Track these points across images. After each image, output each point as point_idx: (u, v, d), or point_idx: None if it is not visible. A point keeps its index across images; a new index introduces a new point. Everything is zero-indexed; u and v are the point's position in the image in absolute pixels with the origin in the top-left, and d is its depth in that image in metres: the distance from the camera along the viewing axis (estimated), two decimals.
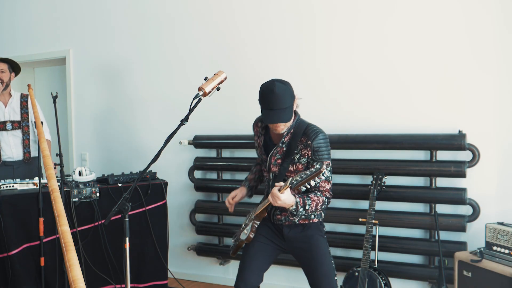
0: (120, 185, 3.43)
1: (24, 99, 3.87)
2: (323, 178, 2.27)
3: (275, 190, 2.20)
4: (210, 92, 2.36)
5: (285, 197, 2.18)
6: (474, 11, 3.15)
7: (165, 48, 4.19)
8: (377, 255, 3.17)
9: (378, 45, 3.41)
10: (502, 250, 2.74)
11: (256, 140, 2.54)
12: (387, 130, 3.35)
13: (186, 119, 2.34)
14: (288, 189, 2.19)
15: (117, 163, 4.41)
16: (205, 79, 2.38)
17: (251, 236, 2.44)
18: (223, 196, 3.94)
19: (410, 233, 3.35)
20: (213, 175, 4.04)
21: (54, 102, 3.24)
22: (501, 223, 2.85)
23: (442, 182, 3.22)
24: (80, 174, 3.37)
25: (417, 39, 3.30)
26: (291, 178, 2.19)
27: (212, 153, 4.00)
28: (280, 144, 2.37)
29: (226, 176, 3.98)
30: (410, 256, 3.36)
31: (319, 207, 2.30)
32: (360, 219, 3.16)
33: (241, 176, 3.91)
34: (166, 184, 3.63)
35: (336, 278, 2.39)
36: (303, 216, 2.39)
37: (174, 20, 4.13)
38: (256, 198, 3.74)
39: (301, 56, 3.65)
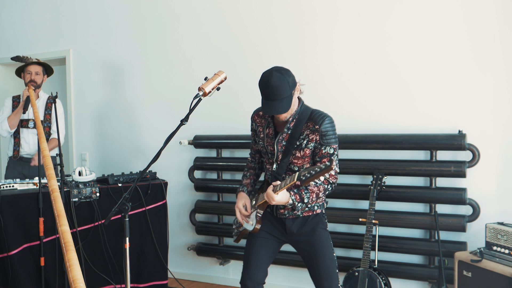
0: (120, 185, 3.43)
1: (50, 100, 3.94)
2: (332, 173, 2.27)
3: (269, 190, 2.20)
4: (210, 92, 2.36)
5: (279, 198, 2.20)
6: (474, 11, 3.15)
7: (165, 49, 4.19)
8: (377, 255, 3.17)
9: (379, 46, 3.41)
10: (502, 250, 2.74)
11: (260, 131, 2.47)
12: (387, 130, 3.35)
13: (186, 119, 2.34)
14: (284, 190, 2.20)
15: (117, 163, 4.41)
16: (205, 79, 2.38)
17: (258, 227, 2.43)
18: (223, 196, 3.95)
19: (410, 233, 3.35)
20: (213, 175, 4.04)
21: (54, 102, 3.25)
22: (501, 223, 2.85)
23: (442, 182, 3.22)
24: (80, 174, 3.37)
25: (417, 39, 3.30)
26: (297, 173, 2.14)
27: (212, 153, 4.00)
28: (286, 130, 2.34)
29: (226, 176, 3.98)
30: (410, 256, 3.36)
31: (320, 195, 2.30)
32: (360, 219, 3.16)
33: (241, 176, 3.90)
34: (166, 184, 3.63)
35: (337, 271, 2.39)
36: (306, 209, 2.39)
37: (175, 20, 4.13)
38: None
39: (303, 54, 3.65)
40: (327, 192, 2.33)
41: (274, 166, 2.40)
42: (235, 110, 3.91)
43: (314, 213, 2.42)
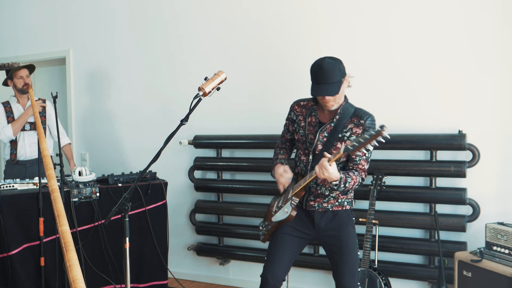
0: (120, 185, 3.43)
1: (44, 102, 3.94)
2: (366, 167, 2.29)
3: (325, 161, 2.19)
4: (210, 92, 2.36)
5: (332, 170, 2.20)
6: (474, 11, 3.15)
7: (165, 48, 4.19)
8: (377, 255, 3.17)
9: (379, 46, 3.41)
10: (502, 250, 2.75)
11: (301, 120, 2.51)
12: (387, 129, 3.34)
13: (186, 119, 2.34)
14: (334, 162, 2.21)
15: (117, 163, 4.41)
16: (205, 79, 2.38)
17: (293, 214, 2.43)
18: (223, 196, 3.95)
19: (410, 233, 3.35)
20: (213, 175, 4.04)
21: (54, 102, 3.25)
22: (501, 223, 2.85)
23: (442, 182, 3.22)
24: (80, 174, 3.37)
25: (418, 40, 3.30)
26: (343, 145, 2.17)
27: (212, 153, 4.00)
28: (331, 123, 2.41)
29: (226, 176, 3.98)
30: (410, 256, 3.36)
31: (355, 186, 2.36)
32: (360, 219, 3.16)
33: (241, 176, 3.91)
34: (166, 184, 3.63)
35: (359, 270, 2.43)
36: (336, 203, 2.44)
37: (175, 20, 4.13)
38: (261, 198, 3.73)
39: (303, 54, 3.64)
40: (357, 186, 2.38)
41: (310, 157, 2.44)
42: (235, 110, 3.91)
43: (344, 208, 2.48)
